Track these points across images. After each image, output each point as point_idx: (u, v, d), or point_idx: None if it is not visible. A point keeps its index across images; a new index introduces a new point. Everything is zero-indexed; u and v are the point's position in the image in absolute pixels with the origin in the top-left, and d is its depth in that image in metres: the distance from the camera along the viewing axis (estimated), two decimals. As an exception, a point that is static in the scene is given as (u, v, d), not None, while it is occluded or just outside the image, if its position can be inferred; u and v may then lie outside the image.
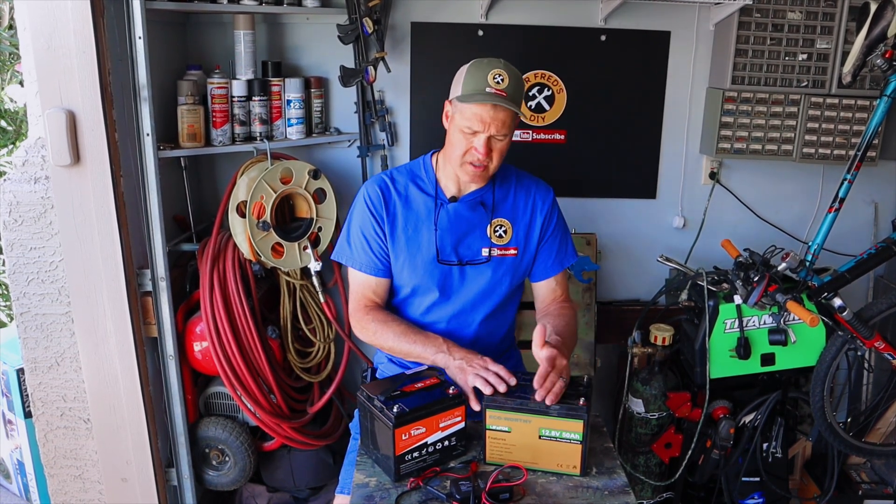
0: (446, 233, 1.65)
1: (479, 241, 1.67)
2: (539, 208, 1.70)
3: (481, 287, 1.68)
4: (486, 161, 1.56)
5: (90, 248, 1.84)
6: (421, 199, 1.67)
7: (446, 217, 1.66)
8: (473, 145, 1.55)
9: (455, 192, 1.67)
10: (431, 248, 1.65)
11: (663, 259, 2.23)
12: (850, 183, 2.05)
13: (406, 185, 1.69)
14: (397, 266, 1.67)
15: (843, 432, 2.26)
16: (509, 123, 1.54)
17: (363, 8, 2.18)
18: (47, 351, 1.95)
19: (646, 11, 2.43)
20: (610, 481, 1.37)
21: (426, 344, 1.56)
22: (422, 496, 1.31)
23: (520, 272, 1.72)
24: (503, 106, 1.51)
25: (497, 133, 1.54)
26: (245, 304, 2.11)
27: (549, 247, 1.72)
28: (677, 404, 2.29)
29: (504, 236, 1.68)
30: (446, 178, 1.67)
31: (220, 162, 2.43)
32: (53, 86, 1.73)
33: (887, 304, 2.16)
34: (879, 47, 1.96)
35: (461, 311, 1.69)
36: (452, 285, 1.67)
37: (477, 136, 1.54)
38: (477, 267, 1.67)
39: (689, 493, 2.46)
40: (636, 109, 2.53)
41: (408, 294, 1.70)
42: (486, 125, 1.52)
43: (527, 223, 1.70)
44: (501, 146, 1.57)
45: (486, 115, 1.51)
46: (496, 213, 1.68)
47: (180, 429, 2.10)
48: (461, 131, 1.55)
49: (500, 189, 1.69)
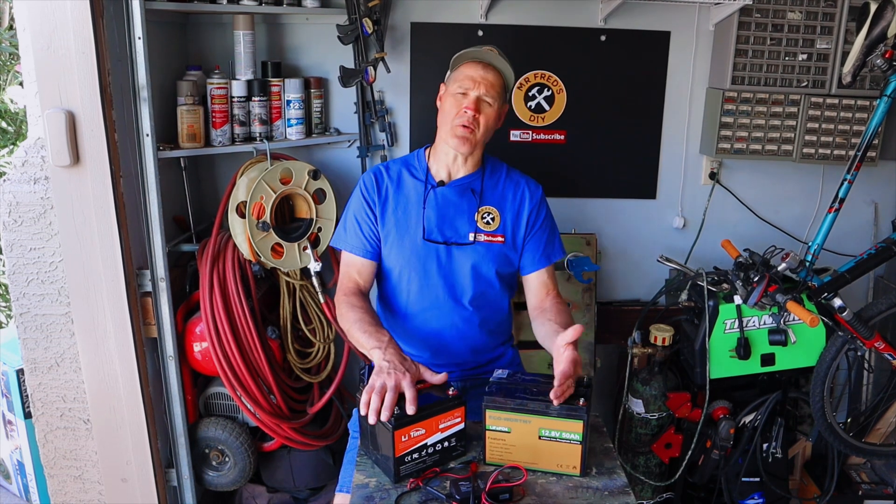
0: (433, 214, 1.71)
1: (465, 226, 1.72)
2: (528, 199, 1.76)
3: (466, 269, 1.71)
4: (474, 124, 1.65)
5: (90, 249, 1.84)
6: (412, 183, 1.75)
7: (434, 199, 1.72)
8: (464, 105, 1.65)
9: (444, 178, 1.74)
10: (419, 228, 1.70)
11: (663, 259, 2.23)
12: (850, 183, 2.05)
13: (399, 170, 1.78)
14: (387, 248, 1.73)
15: (843, 432, 2.26)
16: (498, 88, 1.67)
17: (363, 8, 2.18)
18: (47, 351, 1.95)
19: (646, 11, 2.43)
20: (610, 481, 1.37)
21: (371, 336, 1.54)
22: (422, 497, 1.31)
23: (508, 261, 1.74)
24: (493, 66, 1.66)
25: (485, 93, 1.64)
26: (245, 305, 2.11)
27: (538, 239, 1.76)
28: (677, 404, 2.29)
29: (491, 223, 1.73)
30: (437, 165, 1.75)
31: (220, 162, 2.43)
32: (53, 86, 1.73)
33: (887, 305, 2.16)
34: (879, 47, 1.96)
35: (448, 294, 1.71)
36: (438, 266, 1.71)
37: (467, 97, 1.65)
38: (462, 249, 1.71)
39: (689, 494, 2.46)
40: (636, 109, 2.53)
41: (397, 278, 1.74)
42: (475, 83, 1.64)
43: (515, 213, 1.75)
44: (488, 113, 1.66)
45: (476, 75, 1.65)
46: (484, 201, 1.74)
47: (180, 429, 2.10)
48: (453, 97, 1.67)
49: (490, 178, 1.76)
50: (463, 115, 1.65)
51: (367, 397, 1.36)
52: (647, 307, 2.42)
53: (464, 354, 1.77)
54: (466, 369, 1.79)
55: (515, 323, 2.37)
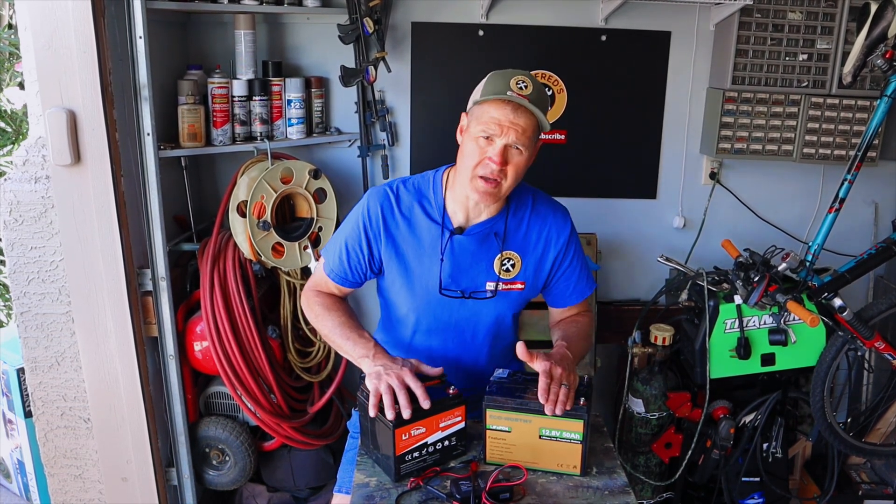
0: (449, 263, 1.54)
1: (484, 275, 1.56)
2: (553, 242, 1.58)
3: (483, 320, 1.60)
4: (500, 176, 1.42)
5: (90, 248, 1.84)
6: (426, 225, 1.54)
7: (451, 248, 1.54)
8: (488, 155, 1.41)
9: (463, 221, 1.54)
10: (434, 279, 1.54)
11: (663, 259, 2.23)
12: (850, 183, 2.05)
13: (411, 205, 1.55)
14: (394, 286, 1.59)
15: (843, 432, 2.26)
16: (530, 133, 1.41)
17: (364, 8, 2.18)
18: (47, 350, 1.95)
19: (646, 11, 2.43)
20: (610, 481, 1.37)
21: (356, 343, 1.47)
22: (422, 496, 1.31)
23: (524, 302, 1.64)
24: (525, 108, 1.39)
25: (515, 141, 1.40)
26: (245, 304, 2.11)
27: (567, 279, 1.62)
28: (677, 404, 2.29)
29: (511, 270, 1.57)
30: (455, 203, 1.53)
31: (221, 162, 2.43)
32: (54, 85, 1.74)
33: (887, 305, 2.16)
34: (880, 47, 1.97)
35: (459, 338, 1.63)
36: (453, 316, 1.59)
37: (492, 144, 1.41)
38: (481, 302, 1.58)
39: (689, 493, 2.46)
40: (636, 109, 2.53)
41: (403, 315, 1.63)
42: (503, 129, 1.39)
43: (538, 257, 1.58)
44: (518, 162, 1.43)
45: (504, 119, 1.39)
46: (506, 246, 1.56)
47: (180, 428, 2.10)
48: (475, 140, 1.42)
49: (514, 219, 1.56)
50: (486, 167, 1.42)
51: (375, 400, 1.34)
52: (648, 307, 2.42)
53: (468, 381, 1.67)
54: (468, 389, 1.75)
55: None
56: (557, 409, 1.33)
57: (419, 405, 1.33)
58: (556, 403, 1.33)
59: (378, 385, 1.35)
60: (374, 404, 1.34)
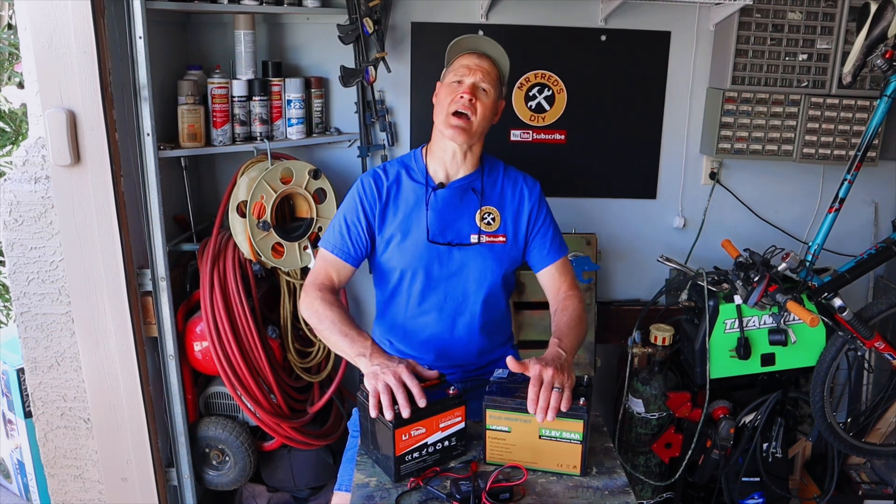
0: (435, 217, 1.68)
1: (467, 227, 1.70)
2: (527, 198, 1.74)
3: (470, 272, 1.69)
4: (470, 109, 1.61)
5: (90, 248, 1.84)
6: (411, 185, 1.72)
7: (435, 202, 1.69)
8: (460, 92, 1.62)
9: (443, 178, 1.71)
10: (422, 230, 1.67)
11: (663, 259, 2.23)
12: (850, 183, 2.05)
13: (398, 174, 1.73)
14: (388, 252, 1.69)
15: (843, 432, 2.26)
16: (494, 76, 1.65)
17: (363, 8, 2.18)
18: (47, 351, 1.95)
19: (646, 11, 2.43)
20: (610, 481, 1.37)
21: (354, 341, 1.51)
22: (422, 496, 1.31)
23: (511, 261, 1.73)
24: (487, 56, 1.66)
25: (482, 80, 1.63)
26: (245, 304, 2.11)
27: (543, 235, 1.74)
28: (677, 404, 2.29)
29: (492, 223, 1.71)
30: (435, 164, 1.72)
31: (221, 162, 2.43)
32: (54, 85, 1.73)
33: (887, 305, 2.16)
34: (880, 47, 1.97)
35: (451, 297, 1.70)
36: (441, 268, 1.69)
37: (462, 84, 1.63)
38: (466, 251, 1.69)
39: (689, 493, 2.46)
40: (636, 109, 2.53)
41: (397, 281, 1.71)
42: (471, 70, 1.63)
43: (515, 211, 1.73)
44: (485, 102, 1.63)
45: (471, 63, 1.64)
46: (484, 201, 1.71)
47: (180, 428, 2.10)
48: (449, 86, 1.65)
49: (489, 177, 1.73)
50: (458, 101, 1.61)
51: (375, 400, 1.35)
52: (648, 307, 2.42)
53: (466, 357, 1.76)
54: (468, 371, 1.79)
55: (515, 323, 2.38)
56: (549, 416, 1.33)
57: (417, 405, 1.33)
58: (546, 410, 1.33)
59: (375, 384, 1.36)
60: (375, 405, 1.35)
